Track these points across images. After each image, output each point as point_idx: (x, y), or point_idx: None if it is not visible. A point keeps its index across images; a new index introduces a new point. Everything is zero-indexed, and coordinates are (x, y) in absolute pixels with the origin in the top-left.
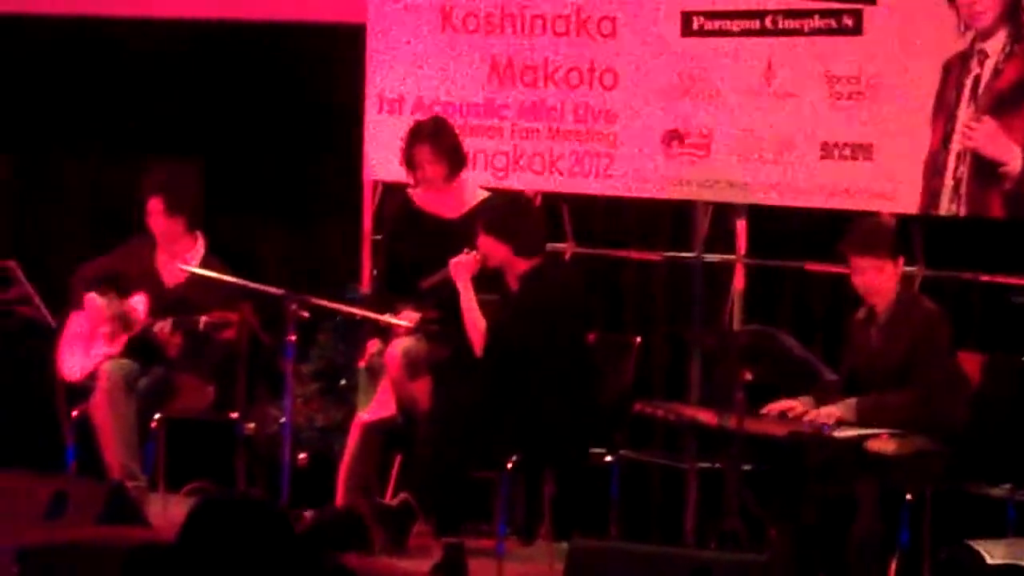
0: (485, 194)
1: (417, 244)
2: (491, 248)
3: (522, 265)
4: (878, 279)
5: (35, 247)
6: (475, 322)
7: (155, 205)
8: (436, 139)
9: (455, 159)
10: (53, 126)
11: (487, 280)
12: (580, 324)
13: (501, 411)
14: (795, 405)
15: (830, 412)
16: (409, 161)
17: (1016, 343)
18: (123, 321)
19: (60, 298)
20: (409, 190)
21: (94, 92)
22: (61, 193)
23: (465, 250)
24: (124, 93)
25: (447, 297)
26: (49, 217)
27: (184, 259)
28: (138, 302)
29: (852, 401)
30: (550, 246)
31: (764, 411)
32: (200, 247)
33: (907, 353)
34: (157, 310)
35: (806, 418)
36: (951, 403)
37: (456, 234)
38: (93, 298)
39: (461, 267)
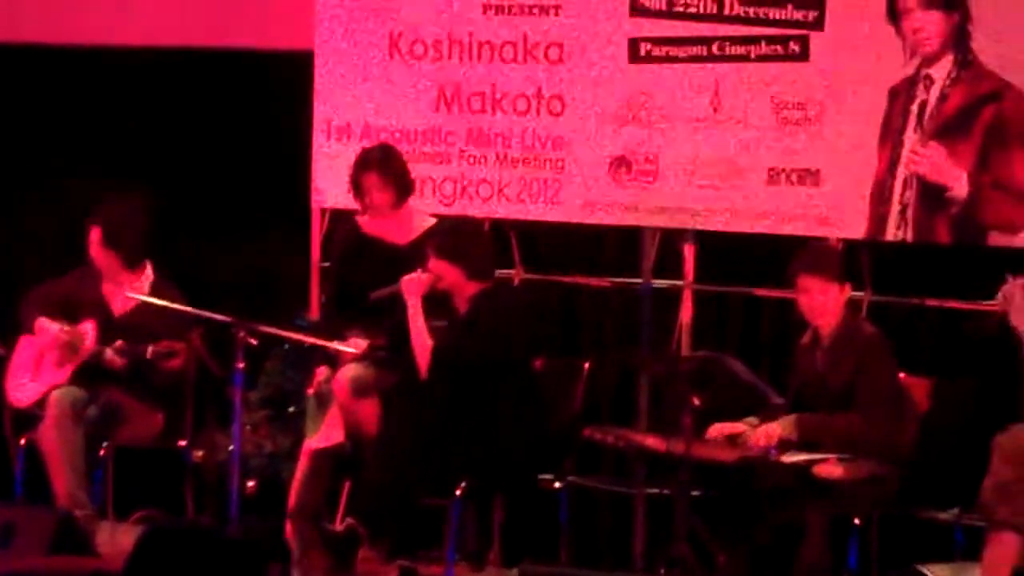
0: (433, 221)
1: (366, 271)
2: (442, 271)
3: (472, 288)
4: (823, 300)
5: None
6: (422, 342)
7: (95, 236)
8: (383, 166)
9: (402, 186)
10: (3, 151)
11: (435, 305)
12: (529, 348)
13: (450, 437)
14: (738, 427)
15: (771, 429)
16: (357, 188)
17: (964, 367)
18: (72, 347)
19: (8, 324)
20: (357, 217)
21: (43, 118)
22: (11, 218)
23: (418, 270)
24: (74, 119)
25: (396, 316)
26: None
27: (131, 288)
28: (87, 329)
29: (793, 417)
30: (498, 272)
31: (707, 434)
32: (148, 276)
33: (850, 376)
34: (106, 338)
35: (748, 436)
36: (895, 426)
37: (405, 260)
38: (43, 323)
39: (413, 284)
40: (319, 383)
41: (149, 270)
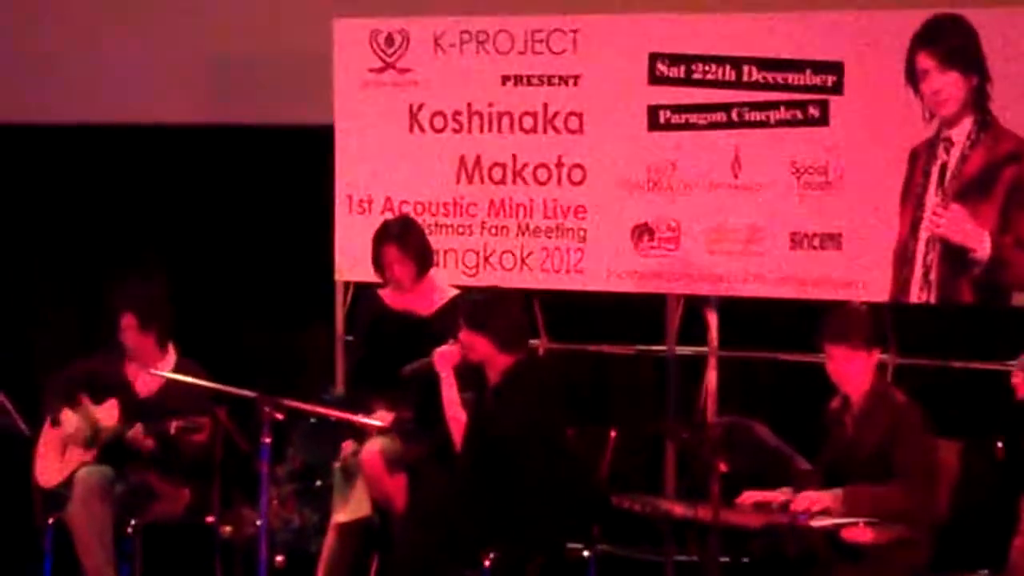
0: (455, 291)
1: (391, 344)
2: (473, 343)
3: (504, 360)
4: (852, 368)
5: (7, 355)
6: (456, 415)
7: (128, 321)
8: (403, 239)
9: (423, 259)
10: (25, 236)
11: (465, 376)
12: (559, 420)
13: (479, 508)
14: (775, 496)
15: (818, 497)
16: (377, 262)
17: (991, 428)
18: (94, 436)
19: (32, 406)
20: (380, 290)
21: (62, 201)
22: (34, 301)
23: (450, 341)
24: (96, 199)
25: (423, 389)
26: (22, 326)
27: (155, 368)
28: (111, 407)
29: (839, 491)
30: None
31: (739, 500)
32: (171, 356)
33: (880, 444)
34: (130, 419)
35: (792, 505)
36: (930, 494)
37: (429, 332)
38: (66, 415)
39: (444, 358)
40: (345, 456)
41: (171, 350)
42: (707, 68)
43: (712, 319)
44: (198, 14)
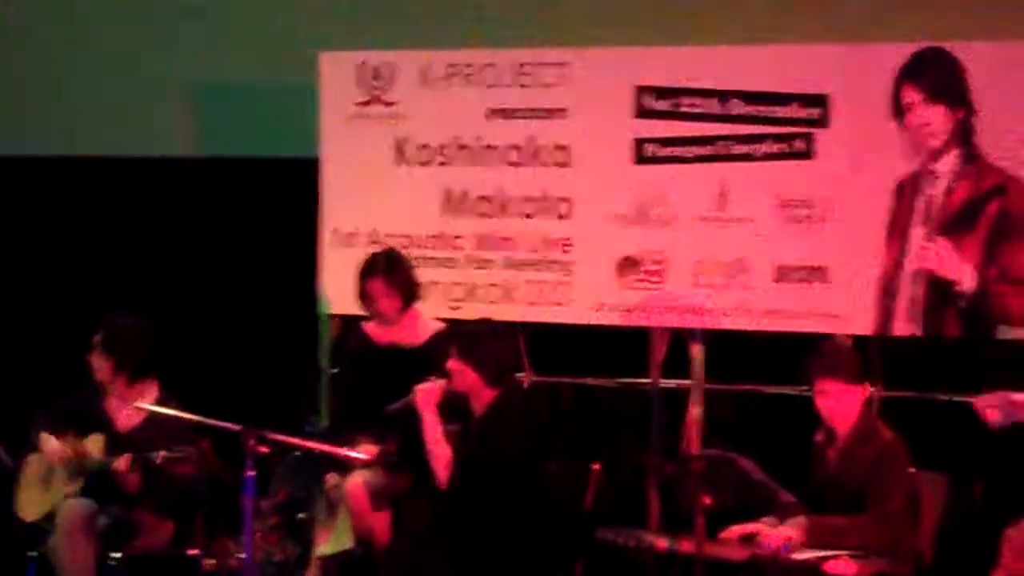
0: (440, 324)
1: (376, 378)
2: (462, 373)
3: (489, 393)
4: (843, 402)
5: None
6: (440, 451)
7: (98, 360)
8: (389, 272)
9: (409, 291)
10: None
11: (448, 408)
12: (543, 454)
13: (462, 542)
14: (758, 528)
15: (782, 532)
16: (363, 295)
17: (975, 461)
18: (78, 463)
19: (15, 442)
20: (364, 324)
21: (44, 231)
22: (15, 333)
23: (431, 378)
24: (79, 232)
25: (411, 424)
26: (4, 364)
27: (136, 404)
28: (95, 441)
29: (802, 520)
30: None
31: (724, 534)
32: (153, 392)
33: (863, 479)
34: (114, 453)
35: (759, 539)
36: (907, 530)
37: (415, 365)
38: (47, 439)
39: (426, 394)
40: (329, 489)
41: (153, 386)
42: (693, 101)
43: (697, 352)
44: (183, 45)
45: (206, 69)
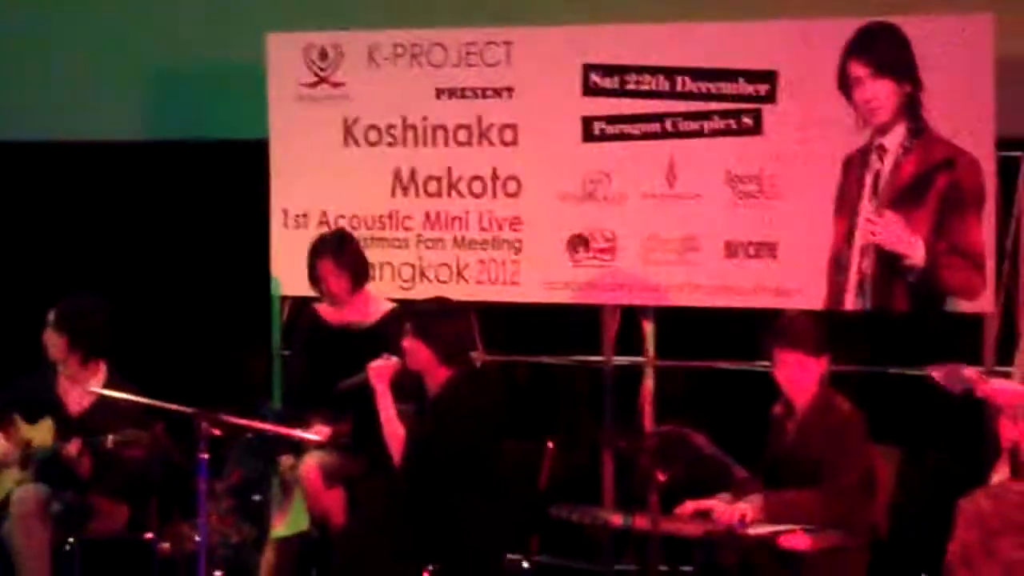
0: (391, 304)
1: (329, 359)
2: (416, 351)
3: (443, 372)
4: (802, 374)
5: None
6: (394, 430)
7: (52, 338)
8: (339, 253)
9: (359, 272)
10: None
11: (402, 388)
12: (497, 433)
13: (418, 521)
14: (713, 504)
15: (738, 508)
16: (313, 276)
17: (927, 436)
18: (24, 455)
19: None
20: (316, 305)
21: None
22: None
23: (384, 355)
24: (31, 216)
25: (365, 403)
26: None
27: (87, 386)
28: (45, 428)
29: (759, 496)
30: None
31: (679, 510)
32: (103, 374)
33: (820, 452)
34: (65, 437)
35: (715, 515)
36: (862, 504)
37: (366, 345)
38: None
39: (380, 372)
40: (283, 471)
41: (104, 368)
42: (640, 79)
43: (648, 329)
44: (130, 29)
45: (155, 52)
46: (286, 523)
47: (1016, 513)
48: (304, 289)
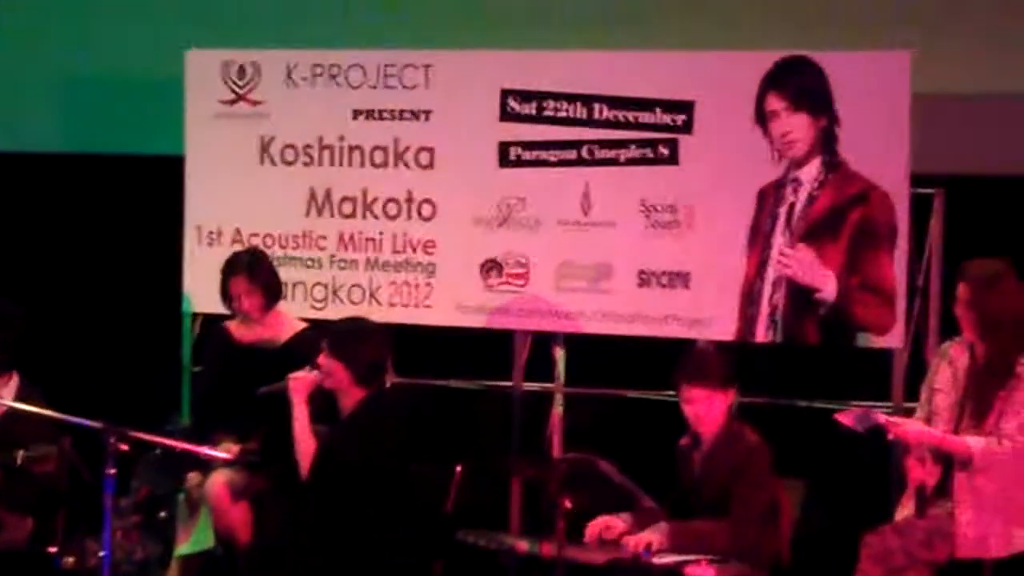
0: (303, 324)
1: (238, 376)
2: (332, 369)
3: (357, 392)
4: (708, 408)
5: None
6: (306, 441)
7: None
8: (251, 271)
9: (271, 291)
10: None
11: (317, 408)
12: (406, 455)
13: (324, 541)
14: (615, 522)
15: (644, 537)
16: (225, 293)
17: (835, 467)
18: None
19: None
20: (228, 323)
21: None
22: None
23: (307, 368)
24: None
25: (278, 414)
26: None
27: None
28: None
29: (664, 526)
30: None
31: (587, 529)
32: (14, 384)
33: (726, 483)
34: None
35: (623, 542)
36: (767, 535)
37: (277, 364)
38: None
39: (299, 383)
40: (190, 488)
41: (15, 378)
42: (558, 105)
43: (559, 355)
44: (46, 39)
45: (72, 64)
46: (191, 541)
47: (921, 550)
48: (216, 306)
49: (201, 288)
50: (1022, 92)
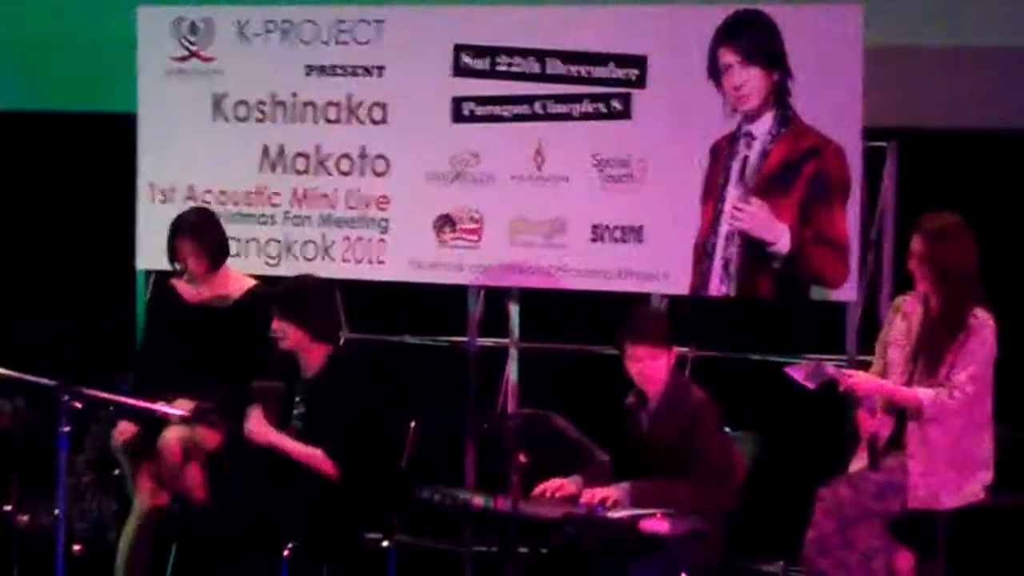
0: (252, 282)
1: (185, 335)
2: (286, 331)
3: (319, 350)
4: (651, 367)
5: None
6: (310, 455)
7: None
8: (197, 232)
9: (217, 251)
10: None
11: (268, 366)
12: (364, 411)
13: (279, 498)
14: (565, 484)
15: (605, 493)
16: (172, 253)
17: (789, 420)
18: None
19: None
20: (174, 280)
21: None
22: None
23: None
24: None
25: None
26: None
27: None
28: None
29: (627, 485)
30: None
31: (534, 492)
32: None
33: (674, 440)
34: None
35: (581, 499)
36: (721, 490)
37: (225, 323)
38: None
39: (254, 425)
40: (124, 440)
41: None
42: (511, 60)
43: (513, 311)
44: None
45: (24, 21)
46: (145, 496)
47: (874, 503)
48: (168, 264)
49: (154, 246)
50: (974, 44)
